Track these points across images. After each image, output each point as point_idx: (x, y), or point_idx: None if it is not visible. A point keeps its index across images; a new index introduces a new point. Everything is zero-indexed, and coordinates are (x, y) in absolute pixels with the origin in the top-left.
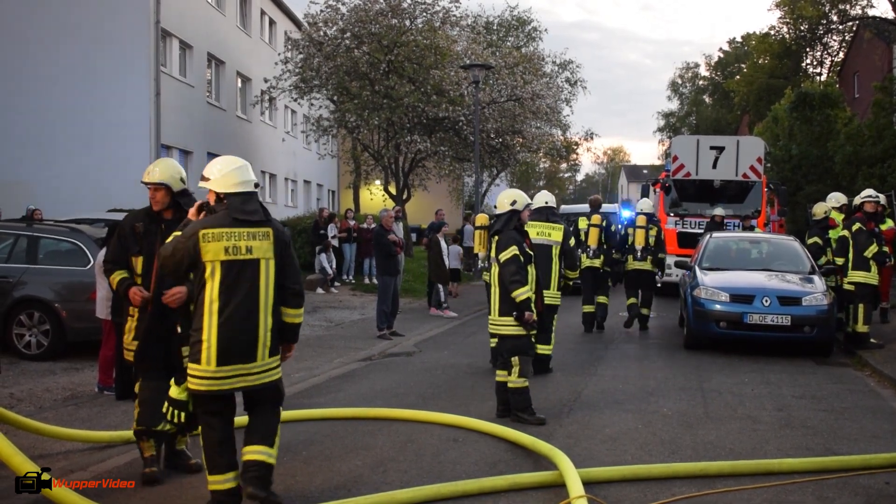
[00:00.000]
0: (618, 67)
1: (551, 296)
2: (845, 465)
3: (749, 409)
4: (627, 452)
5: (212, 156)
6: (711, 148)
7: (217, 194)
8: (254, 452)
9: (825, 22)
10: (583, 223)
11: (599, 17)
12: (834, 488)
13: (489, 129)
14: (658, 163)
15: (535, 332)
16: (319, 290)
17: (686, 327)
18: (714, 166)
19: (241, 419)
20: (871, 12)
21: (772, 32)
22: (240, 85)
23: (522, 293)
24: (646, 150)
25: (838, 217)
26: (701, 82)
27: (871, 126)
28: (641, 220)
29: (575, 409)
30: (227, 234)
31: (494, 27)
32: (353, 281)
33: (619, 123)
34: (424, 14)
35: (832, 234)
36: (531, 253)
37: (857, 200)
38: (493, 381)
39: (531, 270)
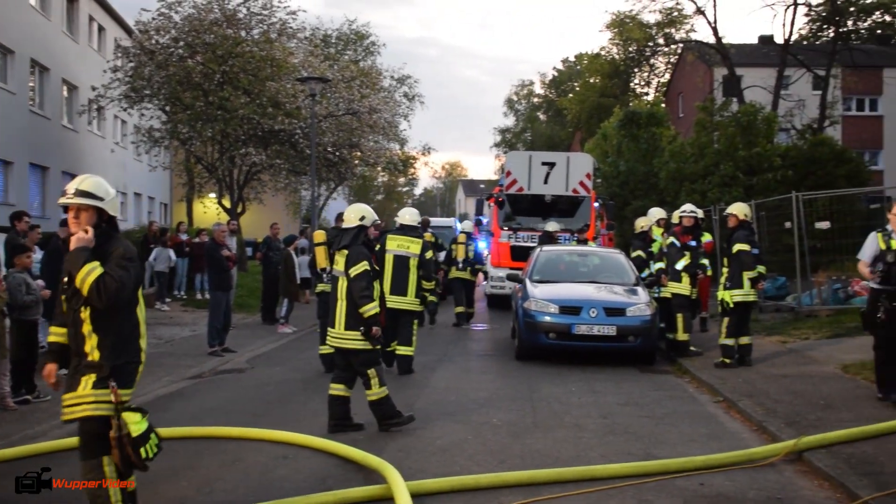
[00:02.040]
0: (457, 83)
1: (410, 302)
2: (664, 468)
3: (575, 417)
4: (457, 463)
5: (35, 167)
6: (543, 164)
7: (109, 215)
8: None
9: (652, 44)
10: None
11: (439, 34)
12: (653, 491)
13: (326, 142)
14: (494, 177)
15: (379, 346)
16: (158, 305)
17: (517, 339)
18: (545, 181)
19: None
20: (694, 36)
21: (602, 53)
22: (66, 93)
23: (371, 308)
24: (483, 165)
25: (657, 231)
26: (536, 99)
27: (693, 144)
28: (462, 238)
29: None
30: None
31: (333, 40)
32: (185, 297)
33: (457, 138)
34: (261, 25)
35: (655, 246)
36: (378, 268)
37: (676, 215)
38: (325, 397)
39: (377, 286)
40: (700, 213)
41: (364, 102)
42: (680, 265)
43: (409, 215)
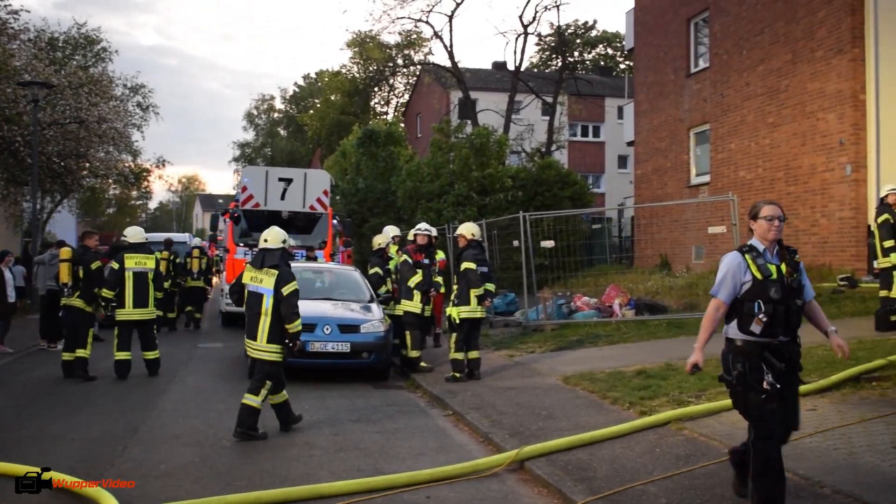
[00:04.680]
0: (197, 95)
1: (150, 312)
2: (391, 483)
3: (307, 435)
4: (182, 487)
5: None
6: (280, 179)
7: None
8: None
9: (391, 65)
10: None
11: (179, 43)
12: None
13: (50, 151)
14: (233, 192)
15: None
16: None
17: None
18: (283, 198)
19: None
20: (431, 59)
21: (343, 71)
22: None
23: (298, 325)
24: (222, 180)
25: (393, 249)
26: (276, 114)
27: (429, 164)
28: (196, 252)
29: (130, 446)
30: None
31: (60, 44)
32: None
33: (196, 152)
34: None
35: (392, 263)
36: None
37: (412, 234)
38: (29, 425)
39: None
40: (434, 232)
41: (93, 111)
42: (412, 282)
43: (137, 234)
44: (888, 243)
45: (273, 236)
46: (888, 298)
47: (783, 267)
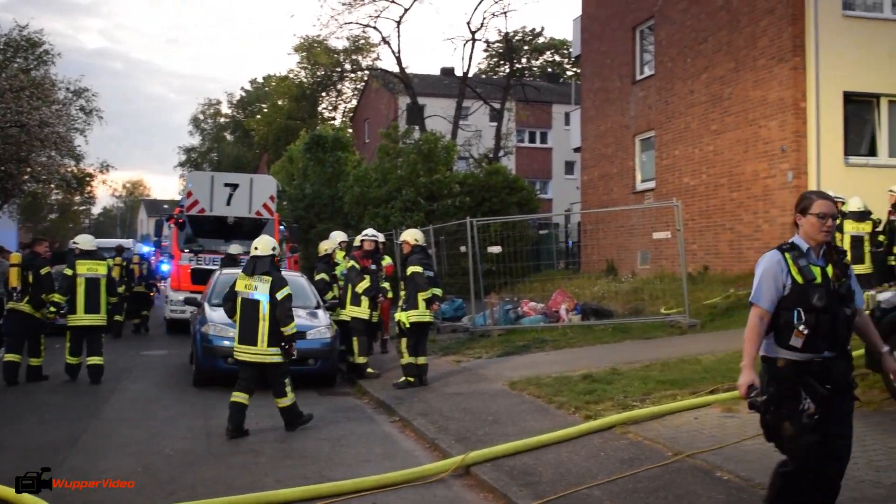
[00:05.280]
0: (143, 99)
1: (101, 318)
2: (337, 490)
3: (252, 443)
4: (124, 498)
5: None
6: (226, 185)
7: None
8: None
9: (339, 70)
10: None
11: (124, 47)
12: None
13: None
14: (179, 198)
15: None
16: None
17: (195, 364)
18: (228, 203)
19: None
20: (379, 65)
21: (291, 75)
22: None
23: (293, 327)
24: (168, 185)
25: (340, 254)
26: (223, 119)
27: (377, 169)
28: (136, 259)
29: (71, 456)
30: None
31: (0, 46)
32: None
33: (142, 157)
34: None
35: (338, 269)
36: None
37: (358, 239)
38: None
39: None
40: (381, 238)
41: (34, 115)
42: (360, 288)
43: (89, 242)
44: None
45: (263, 244)
46: None
47: (829, 270)
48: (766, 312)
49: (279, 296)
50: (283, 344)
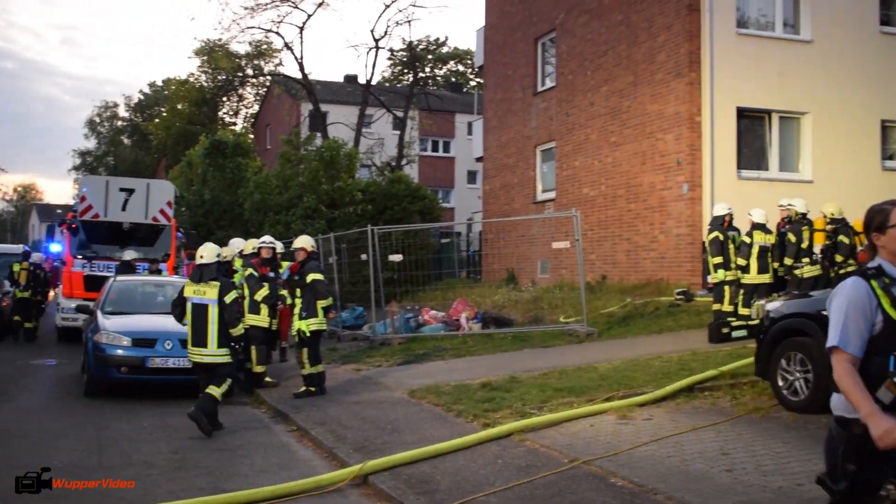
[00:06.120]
0: (35, 101)
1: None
2: (232, 501)
3: (145, 454)
4: None
5: None
6: (121, 190)
7: None
8: None
9: (241, 74)
10: None
11: (17, 47)
12: None
13: None
14: (73, 202)
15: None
16: None
17: (87, 374)
18: (124, 208)
19: None
20: (282, 70)
21: (191, 79)
22: None
23: (241, 328)
24: (61, 189)
25: (237, 262)
26: (120, 123)
27: (278, 176)
28: (25, 265)
29: None
30: None
31: None
32: None
33: (34, 160)
34: None
35: (237, 277)
36: None
37: (255, 246)
38: None
39: None
40: (279, 245)
41: None
42: (259, 296)
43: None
44: (716, 260)
45: (208, 252)
46: (720, 311)
47: None
48: (858, 360)
49: (227, 299)
50: (232, 344)
